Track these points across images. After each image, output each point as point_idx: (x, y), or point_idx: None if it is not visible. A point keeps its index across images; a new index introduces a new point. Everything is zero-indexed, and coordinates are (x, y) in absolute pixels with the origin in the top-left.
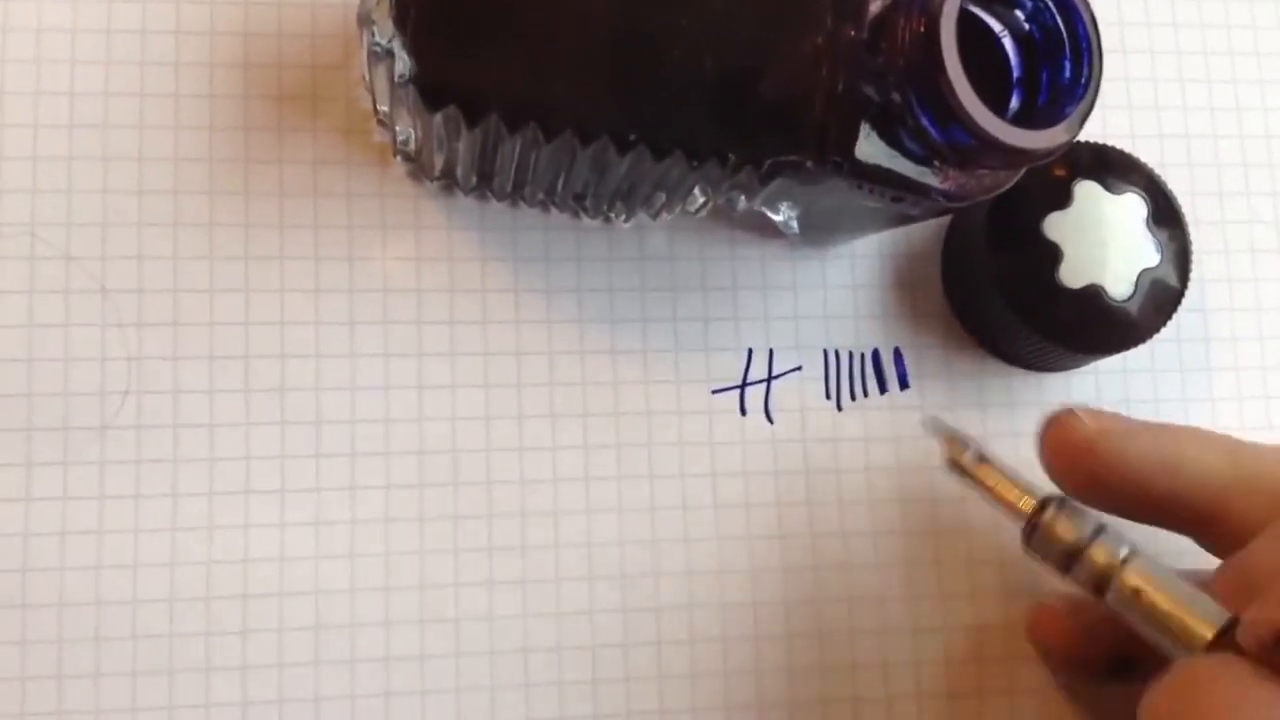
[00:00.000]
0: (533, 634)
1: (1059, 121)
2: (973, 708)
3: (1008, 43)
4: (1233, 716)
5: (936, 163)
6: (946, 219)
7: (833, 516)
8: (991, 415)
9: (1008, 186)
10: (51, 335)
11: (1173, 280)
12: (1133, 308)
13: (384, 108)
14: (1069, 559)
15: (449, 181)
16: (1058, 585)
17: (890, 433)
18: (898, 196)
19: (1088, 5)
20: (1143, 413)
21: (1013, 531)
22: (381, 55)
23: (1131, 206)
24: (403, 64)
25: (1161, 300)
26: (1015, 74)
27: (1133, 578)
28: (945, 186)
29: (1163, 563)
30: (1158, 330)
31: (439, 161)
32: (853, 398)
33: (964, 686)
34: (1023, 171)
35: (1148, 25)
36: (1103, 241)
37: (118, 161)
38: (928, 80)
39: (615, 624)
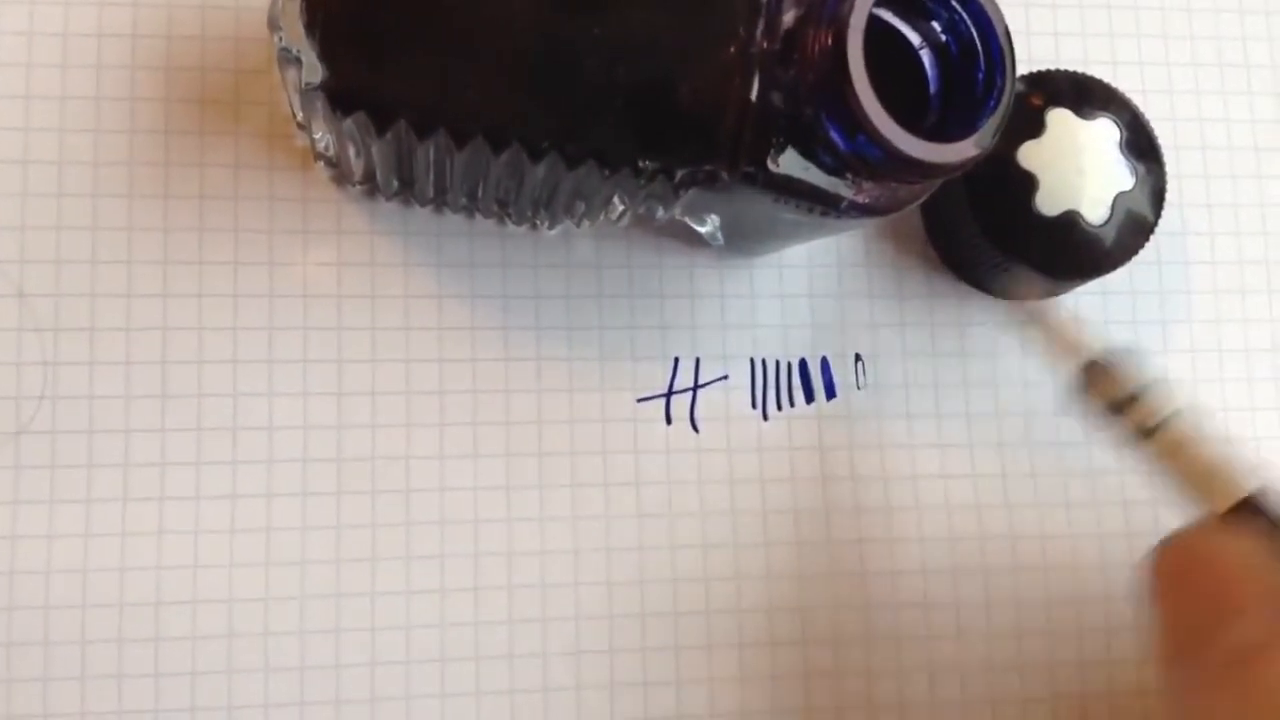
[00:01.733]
0: (449, 643)
1: (970, 133)
2: None
3: (925, 56)
4: (1238, 581)
5: (849, 175)
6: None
7: (757, 526)
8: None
9: (924, 199)
10: None
11: (1149, 203)
12: (1109, 232)
13: (299, 112)
14: (1122, 404)
15: (371, 187)
16: None
17: (815, 442)
18: (811, 207)
19: (1001, 18)
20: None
21: (934, 544)
22: (290, 60)
23: (1104, 131)
24: (311, 69)
25: (1138, 223)
26: (933, 87)
27: (1179, 430)
28: (859, 199)
29: (1213, 425)
30: (1135, 253)
31: (358, 167)
32: (779, 407)
33: (886, 699)
34: (939, 183)
35: None
36: (1077, 168)
37: (37, 165)
38: (835, 92)
39: (534, 633)
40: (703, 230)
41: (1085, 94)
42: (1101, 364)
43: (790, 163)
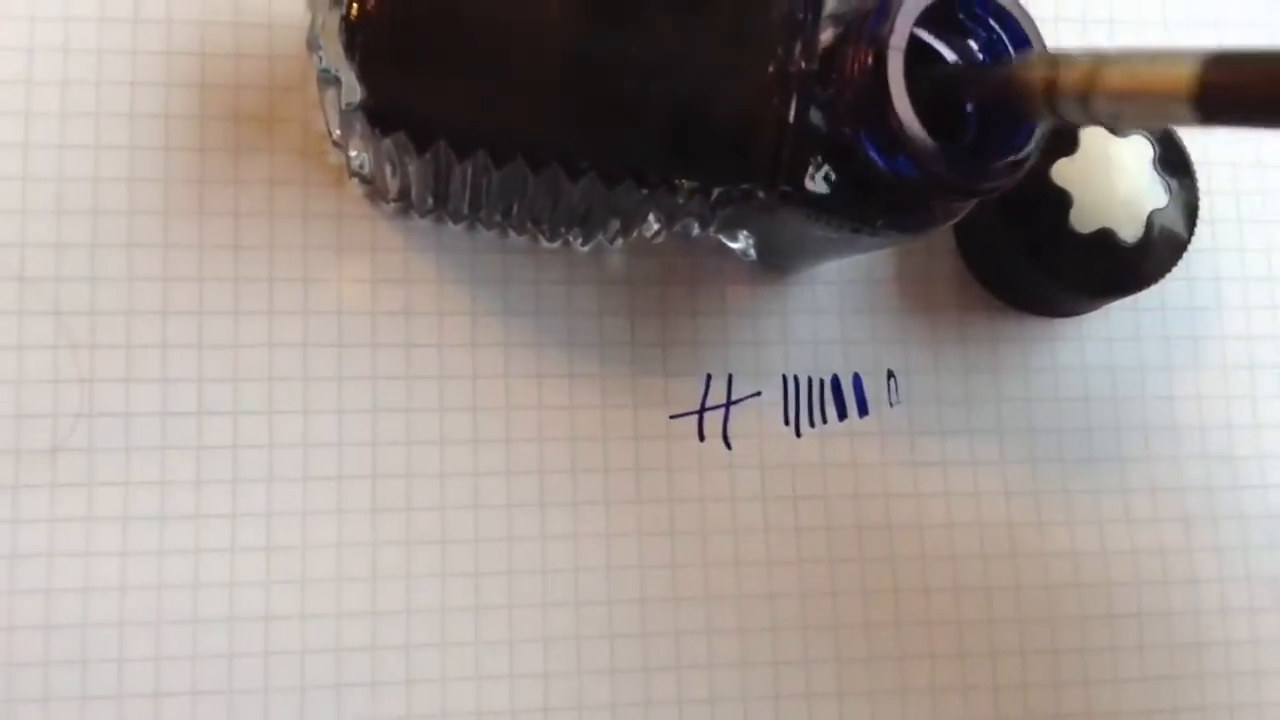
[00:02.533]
0: (483, 662)
1: (1008, 154)
2: None
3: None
4: None
5: (887, 194)
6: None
7: (789, 544)
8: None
9: (960, 217)
10: (4, 357)
11: (1182, 220)
12: (1144, 250)
13: (336, 130)
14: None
15: (405, 204)
16: None
17: (848, 459)
18: (847, 226)
19: (1039, 37)
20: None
21: (967, 561)
22: (330, 80)
23: (1137, 148)
24: (350, 90)
25: (1172, 241)
26: (969, 105)
27: (1111, 76)
28: (895, 217)
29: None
30: (1169, 270)
31: (394, 185)
32: (811, 424)
33: (920, 715)
34: (974, 202)
35: None
36: (1111, 185)
37: (72, 182)
38: (875, 113)
39: (569, 652)
40: (735, 246)
41: None
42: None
43: (828, 181)
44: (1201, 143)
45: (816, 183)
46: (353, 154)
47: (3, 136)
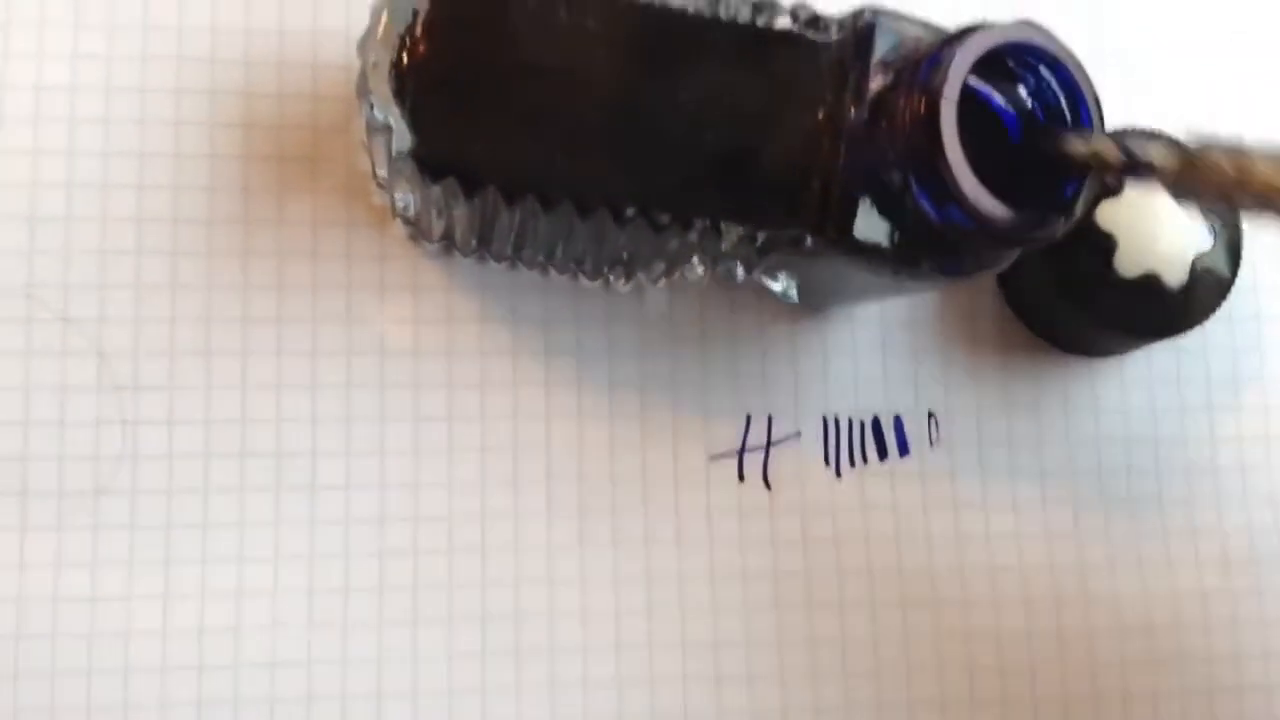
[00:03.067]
0: (525, 708)
1: (1060, 201)
2: None
3: (1010, 117)
4: None
5: (935, 241)
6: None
7: (830, 587)
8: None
9: (1007, 264)
10: (47, 398)
11: (1226, 263)
12: (1188, 292)
13: (382, 173)
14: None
15: (448, 244)
16: None
17: (890, 501)
18: (894, 271)
19: (1090, 84)
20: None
21: (1009, 606)
22: (379, 128)
23: None
24: (400, 136)
25: (1216, 284)
26: (1018, 149)
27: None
28: (943, 262)
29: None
30: (1213, 311)
31: (438, 227)
32: (852, 465)
33: None
34: (1020, 251)
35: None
36: (1155, 229)
37: (116, 222)
38: (927, 161)
39: (609, 698)
40: (775, 287)
41: None
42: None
43: (876, 228)
44: None
45: (864, 229)
46: (398, 196)
47: (47, 176)
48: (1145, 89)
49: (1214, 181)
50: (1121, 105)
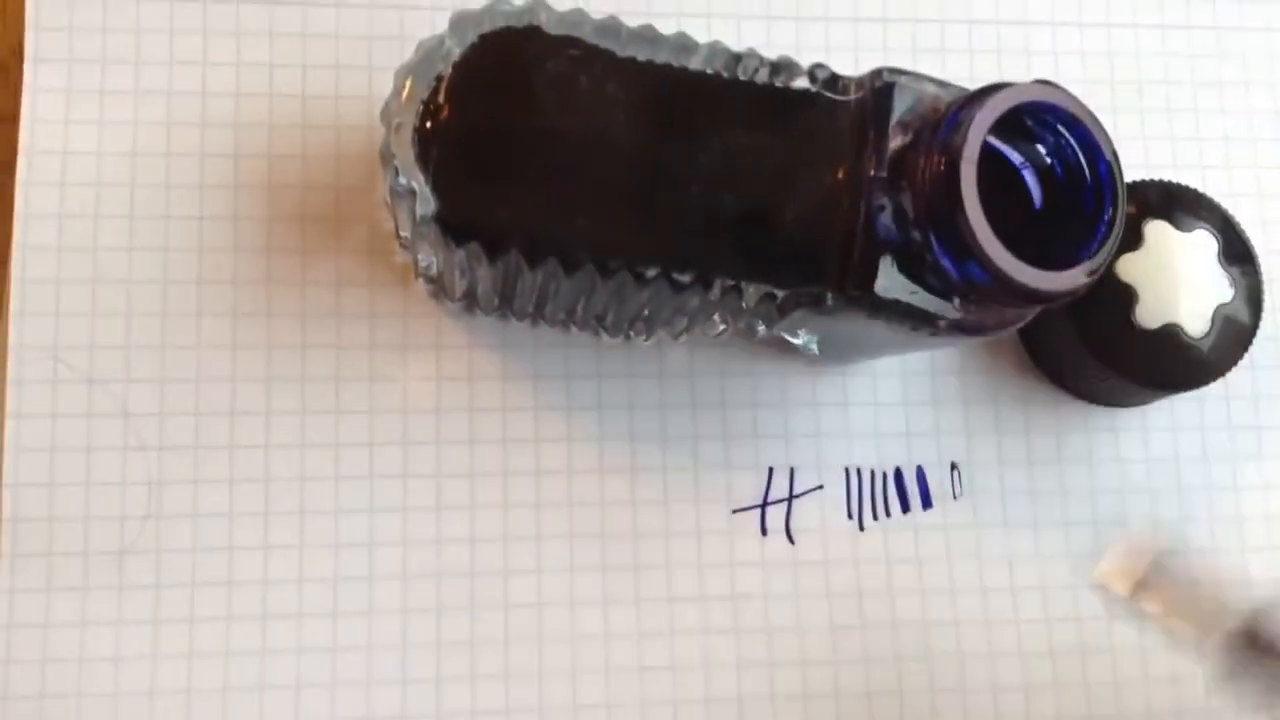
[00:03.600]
0: None
1: (1080, 258)
2: None
3: (1028, 175)
4: None
5: (956, 298)
6: None
7: (856, 641)
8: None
9: (1028, 320)
10: (73, 459)
11: (1247, 313)
12: (1209, 343)
13: (405, 234)
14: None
15: (470, 303)
16: None
17: (913, 554)
18: (916, 327)
19: (1110, 142)
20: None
21: (1035, 659)
22: (403, 193)
23: (1202, 243)
24: (424, 202)
25: (1238, 334)
26: (1037, 205)
27: None
28: (964, 320)
29: None
30: (1236, 362)
31: (460, 286)
32: (875, 517)
33: None
34: (1041, 308)
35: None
36: (1176, 280)
37: (141, 285)
38: (947, 220)
39: None
40: (797, 343)
41: (1177, 203)
42: (1249, 628)
43: (895, 285)
44: (1263, 232)
45: (885, 287)
46: (421, 257)
47: (73, 240)
48: (1164, 139)
49: None
50: (1140, 156)
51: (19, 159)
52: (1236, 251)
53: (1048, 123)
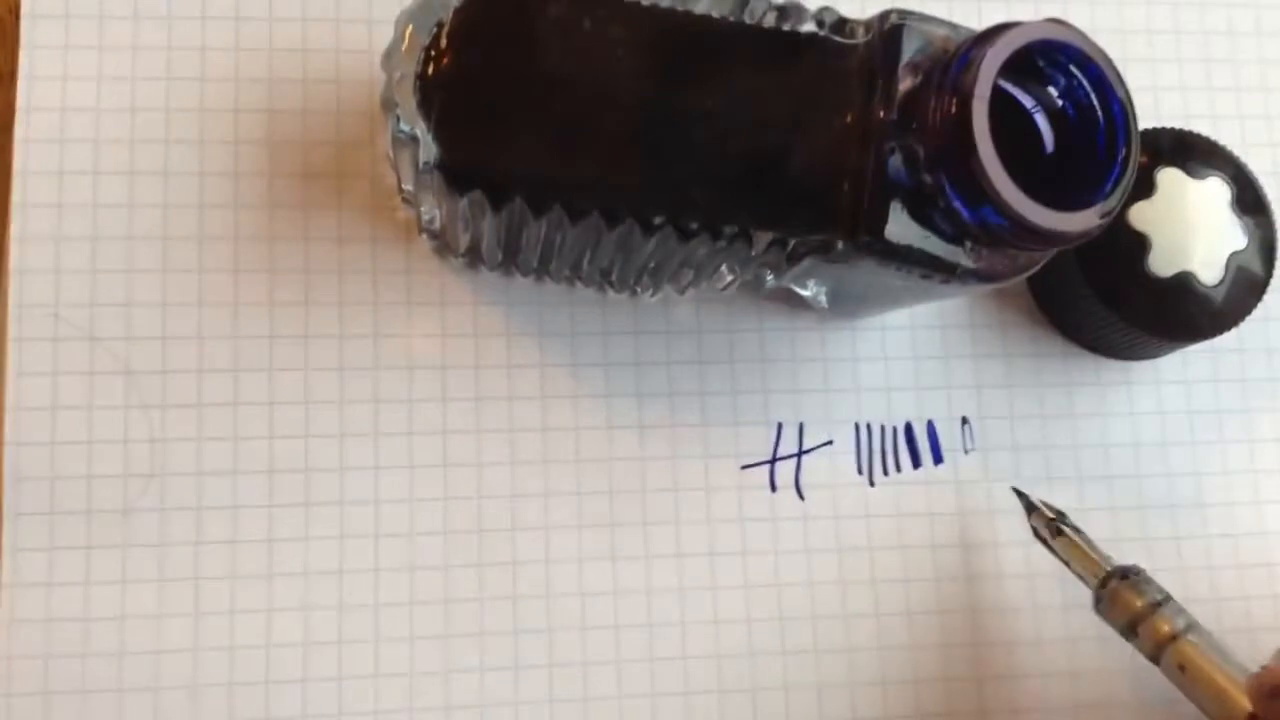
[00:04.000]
0: (558, 718)
1: (1094, 200)
2: None
3: (1040, 117)
4: None
5: (968, 243)
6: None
7: (866, 596)
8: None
9: (1041, 265)
10: (75, 418)
11: (1260, 262)
12: (1222, 293)
13: (408, 187)
14: (1132, 625)
15: (474, 258)
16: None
17: (924, 508)
18: (927, 274)
19: (1122, 82)
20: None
21: (1048, 612)
22: (405, 141)
23: (1215, 190)
24: (427, 150)
25: (1251, 283)
26: (1048, 149)
27: (1184, 650)
28: (978, 266)
29: (1219, 641)
30: (1249, 312)
31: (464, 240)
32: (885, 472)
33: None
34: (1055, 250)
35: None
36: (1189, 228)
37: (142, 241)
38: (959, 162)
39: (643, 710)
40: (806, 294)
41: (1190, 151)
42: (1116, 583)
43: (907, 231)
44: (1274, 180)
45: (896, 232)
46: (424, 210)
47: (72, 197)
48: (1175, 90)
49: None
50: (1151, 107)
51: (17, 116)
52: (1250, 200)
53: (1059, 63)
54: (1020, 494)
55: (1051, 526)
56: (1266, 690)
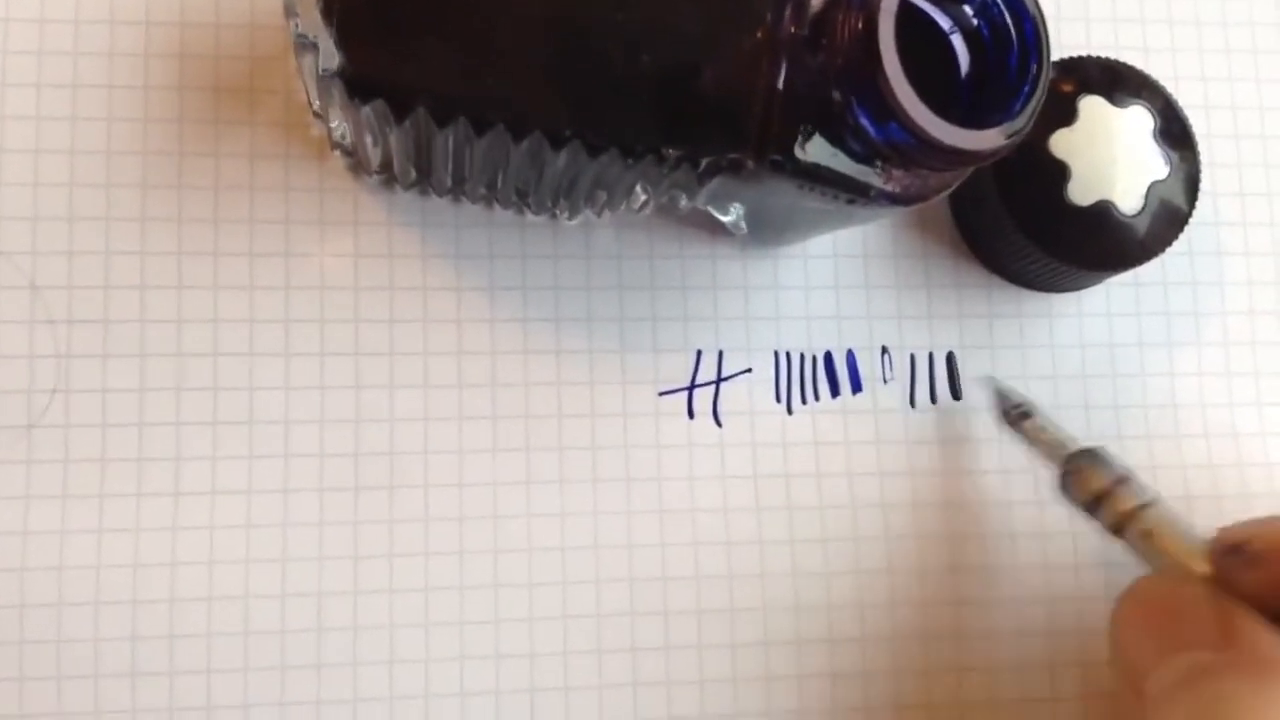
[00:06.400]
0: (469, 641)
1: (1004, 120)
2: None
3: (957, 40)
4: (1188, 618)
5: (878, 162)
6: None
7: (781, 522)
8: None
9: (954, 187)
10: None
11: (1183, 193)
12: (1143, 222)
13: (316, 100)
14: (1096, 503)
15: (388, 176)
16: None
17: (842, 437)
18: (838, 195)
19: (1036, 1)
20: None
21: (969, 540)
22: (307, 46)
23: (1138, 119)
24: (328, 56)
25: (1172, 214)
26: (964, 71)
27: (1148, 521)
28: (889, 187)
29: (1178, 513)
30: (1170, 244)
31: (376, 156)
32: (803, 401)
33: (914, 699)
34: (970, 171)
35: None
36: (1110, 157)
37: (49, 154)
38: (866, 78)
39: (554, 631)
40: (726, 220)
41: (1118, 81)
42: (1077, 463)
43: (818, 150)
44: (1203, 114)
45: (807, 151)
46: (334, 125)
47: None
48: (1107, 21)
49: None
50: (1082, 38)
51: None
52: (1175, 132)
53: None
54: (990, 381)
55: (1018, 412)
56: (1225, 547)
